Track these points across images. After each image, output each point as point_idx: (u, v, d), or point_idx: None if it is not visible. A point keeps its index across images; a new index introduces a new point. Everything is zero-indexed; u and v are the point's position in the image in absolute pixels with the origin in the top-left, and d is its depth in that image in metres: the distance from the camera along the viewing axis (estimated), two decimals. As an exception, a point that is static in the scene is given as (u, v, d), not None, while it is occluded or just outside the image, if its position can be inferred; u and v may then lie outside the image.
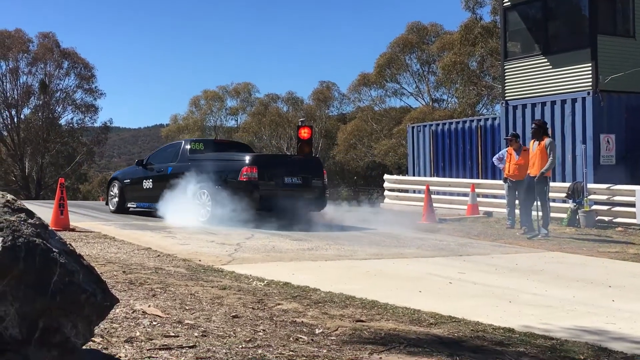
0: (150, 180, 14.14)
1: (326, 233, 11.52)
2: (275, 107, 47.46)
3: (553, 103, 16.44)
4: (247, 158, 12.66)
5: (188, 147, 13.95)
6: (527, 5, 17.54)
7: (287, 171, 12.87)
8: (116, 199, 15.02)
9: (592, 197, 14.21)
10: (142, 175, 14.47)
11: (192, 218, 12.25)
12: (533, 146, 11.98)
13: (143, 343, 3.78)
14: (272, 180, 12.58)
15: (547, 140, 11.77)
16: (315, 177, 13.25)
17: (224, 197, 12.08)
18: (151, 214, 13.58)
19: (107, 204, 15.94)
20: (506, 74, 17.89)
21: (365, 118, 42.34)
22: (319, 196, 13.27)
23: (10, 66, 44.44)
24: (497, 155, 15.11)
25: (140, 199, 14.48)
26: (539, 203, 11.81)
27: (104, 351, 3.45)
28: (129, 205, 14.86)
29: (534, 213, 12.05)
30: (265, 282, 6.34)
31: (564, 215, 14.11)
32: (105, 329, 3.99)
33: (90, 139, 48.59)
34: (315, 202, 13.27)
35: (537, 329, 4.90)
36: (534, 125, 12.25)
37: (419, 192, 18.60)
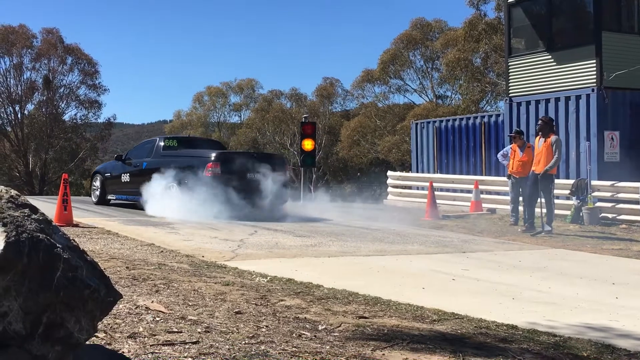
0: (128, 174, 15.11)
1: (329, 229, 11.52)
2: (278, 103, 47.45)
3: (557, 100, 16.41)
4: (212, 155, 13.56)
5: (162, 144, 14.97)
6: (531, 1, 17.50)
7: (249, 167, 13.60)
8: (98, 192, 16.09)
9: (596, 194, 14.19)
10: (121, 169, 15.42)
11: (164, 210, 12.96)
12: (538, 143, 11.86)
13: (146, 339, 3.78)
14: (234, 175, 13.27)
15: (553, 138, 11.64)
16: (277, 173, 13.95)
17: (191, 191, 12.93)
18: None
19: (90, 195, 17.03)
20: (510, 70, 17.85)
21: (368, 114, 42.30)
22: (280, 190, 13.98)
23: (14, 62, 44.50)
24: (501, 152, 15.08)
25: (119, 192, 15.43)
26: (543, 200, 11.76)
27: (107, 347, 3.46)
28: (109, 197, 15.80)
29: (537, 210, 11.97)
30: (269, 278, 6.34)
31: (568, 212, 14.09)
32: (109, 324, 4.00)
33: (94, 134, 48.59)
34: (277, 196, 13.92)
35: (540, 326, 4.90)
36: (540, 121, 12.12)
37: (423, 188, 18.60)
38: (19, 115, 45.31)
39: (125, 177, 15.15)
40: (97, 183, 16.18)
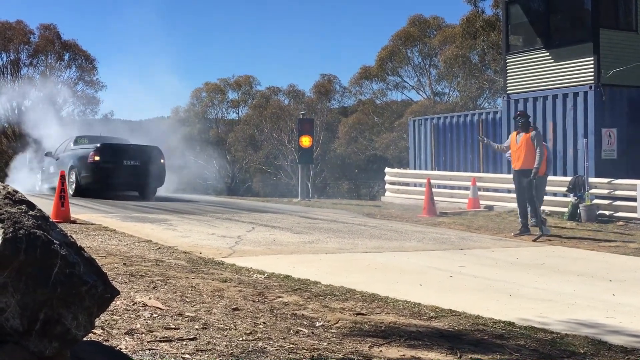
0: (53, 166, 18.63)
1: (327, 226, 11.52)
2: (276, 100, 47.36)
3: (555, 97, 16.41)
4: (95, 147, 16.64)
5: (72, 141, 18.39)
6: (529, -2, 17.48)
7: (127, 156, 16.58)
8: (39, 182, 20.46)
9: (593, 191, 14.20)
10: (49, 163, 19.17)
11: (70, 192, 15.53)
12: (517, 138, 11.42)
13: (143, 335, 3.78)
14: (112, 163, 16.26)
15: (533, 133, 11.24)
16: (153, 161, 16.73)
17: (82, 176, 16.46)
18: (151, 205, 14.62)
19: (37, 186, 20.69)
20: (508, 67, 17.85)
21: (366, 111, 42.26)
22: (156, 175, 16.90)
23: (12, 58, 44.39)
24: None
25: (49, 181, 18.86)
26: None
27: (104, 343, 3.46)
28: (45, 186, 19.39)
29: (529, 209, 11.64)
30: (266, 274, 6.35)
31: (565, 209, 14.10)
32: (106, 320, 4.00)
33: (92, 131, 48.43)
34: (153, 180, 16.94)
35: (537, 323, 4.91)
36: (519, 117, 11.63)
37: (420, 185, 18.59)
38: (16, 112, 45.22)
39: (52, 169, 18.66)
40: (39, 175, 20.70)
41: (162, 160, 17.19)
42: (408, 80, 42.91)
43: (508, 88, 17.76)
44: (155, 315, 4.29)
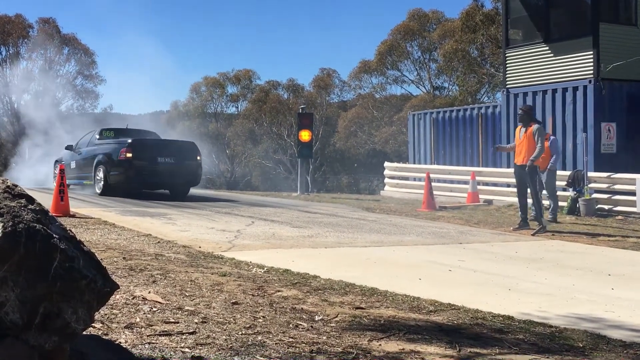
0: (75, 161, 16.97)
1: (326, 220, 11.53)
2: (275, 94, 47.30)
3: (554, 91, 16.40)
4: (127, 142, 15.09)
5: (98, 134, 16.77)
6: (529, -8, 17.46)
7: (161, 152, 15.21)
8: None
9: (592, 185, 14.21)
10: (70, 157, 17.30)
11: (95, 190, 15.29)
12: (519, 133, 11.32)
13: (143, 329, 3.79)
14: (146, 161, 14.91)
15: (534, 127, 11.07)
16: (188, 158, 15.50)
17: (111, 174, 15.00)
18: (149, 198, 14.59)
19: (53, 182, 18.83)
20: (507, 61, 17.83)
21: (365, 105, 42.24)
22: (192, 173, 15.60)
23: (11, 52, 44.31)
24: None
25: (70, 177, 16.45)
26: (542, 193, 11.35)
27: (104, 337, 3.46)
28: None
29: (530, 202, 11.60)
30: (265, 269, 6.35)
31: (564, 204, 14.11)
32: (106, 314, 4.00)
33: (91, 125, 48.38)
34: (189, 178, 15.66)
35: (536, 317, 4.92)
36: (520, 111, 11.60)
37: (420, 179, 18.59)
38: (16, 106, 45.16)
39: (73, 164, 16.93)
40: (56, 171, 17.77)
41: (198, 157, 15.84)
42: (407, 75, 42.92)
43: (507, 82, 17.75)
44: (154, 309, 4.29)
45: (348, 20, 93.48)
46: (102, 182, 15.13)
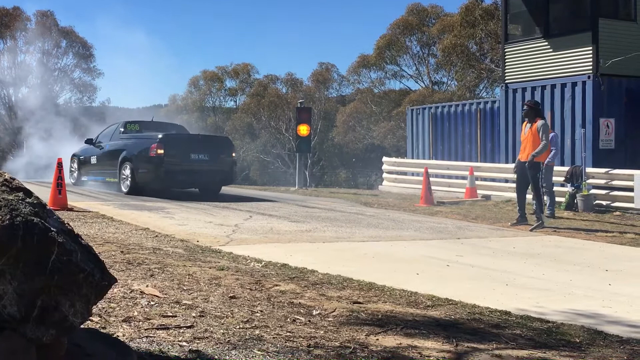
0: (96, 156, 15.79)
1: (324, 215, 11.53)
2: (274, 88, 47.27)
3: (553, 86, 16.40)
4: (158, 137, 13.97)
5: (122, 127, 15.61)
6: (528, -13, 17.43)
7: (194, 148, 14.11)
8: (75, 173, 16.95)
9: (590, 181, 14.22)
10: (91, 152, 16.12)
11: (121, 189, 14.21)
12: (525, 129, 11.23)
13: (141, 323, 3.79)
14: (179, 157, 13.82)
15: (539, 123, 10.96)
16: (223, 154, 14.49)
17: (139, 171, 13.86)
18: (148, 194, 14.03)
19: (69, 177, 17.27)
20: (506, 56, 17.82)
21: (364, 100, 42.22)
22: (227, 170, 14.57)
23: (8, 44, 44.22)
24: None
25: (90, 173, 16.20)
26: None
27: (102, 330, 3.46)
28: (83, 179, 16.54)
29: (529, 198, 11.59)
30: (263, 263, 6.36)
31: (562, 199, 14.12)
32: (103, 308, 4.00)
33: (89, 118, 48.34)
34: (223, 176, 14.62)
35: (533, 312, 4.93)
36: (525, 106, 11.47)
37: (418, 174, 18.60)
38: (13, 98, 45.08)
39: (94, 159, 15.79)
40: (75, 165, 17.04)
41: (233, 154, 14.89)
42: (406, 69, 42.88)
43: (506, 77, 17.74)
44: (152, 303, 4.30)
45: (347, 15, 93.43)
46: (129, 180, 14.00)
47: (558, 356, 3.85)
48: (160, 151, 13.53)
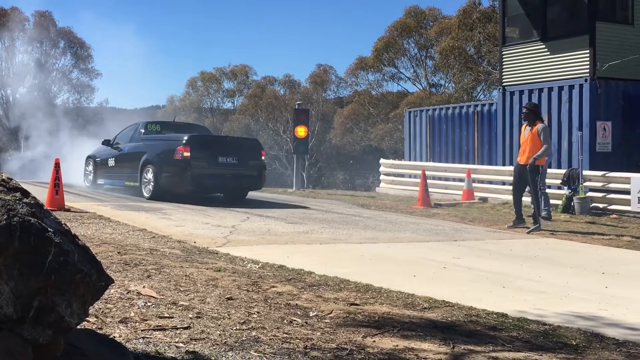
0: (114, 158, 14.97)
1: (321, 216, 11.53)
2: (272, 89, 47.29)
3: (550, 89, 16.42)
4: (183, 138, 13.24)
5: (143, 128, 14.79)
6: (526, -10, 17.47)
7: (222, 151, 13.41)
8: (91, 176, 16.12)
9: (587, 184, 14.23)
10: (108, 154, 15.30)
11: (143, 194, 13.54)
12: (524, 132, 11.22)
13: (137, 324, 3.79)
14: (206, 160, 13.11)
15: (540, 126, 10.97)
16: (252, 157, 13.78)
17: (163, 175, 13.17)
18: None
19: (84, 180, 16.73)
20: (504, 59, 17.85)
21: (362, 102, 42.25)
22: (256, 175, 13.83)
23: (6, 45, 44.17)
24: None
25: (106, 176, 15.37)
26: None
27: (98, 331, 3.46)
28: (100, 182, 15.74)
29: (526, 200, 11.58)
30: (260, 264, 6.35)
31: (559, 202, 14.13)
32: (100, 309, 4.00)
33: (86, 119, 48.30)
34: (252, 181, 13.89)
35: (530, 314, 4.93)
36: (525, 109, 11.45)
37: (415, 176, 18.62)
38: (11, 99, 45.03)
39: (112, 162, 15.01)
40: (90, 167, 16.20)
41: (262, 157, 14.05)
42: (404, 72, 42.93)
43: (504, 80, 17.77)
44: (149, 304, 4.29)
45: (345, 17, 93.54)
46: (152, 185, 13.28)
47: (555, 359, 3.86)
48: (187, 154, 12.84)
